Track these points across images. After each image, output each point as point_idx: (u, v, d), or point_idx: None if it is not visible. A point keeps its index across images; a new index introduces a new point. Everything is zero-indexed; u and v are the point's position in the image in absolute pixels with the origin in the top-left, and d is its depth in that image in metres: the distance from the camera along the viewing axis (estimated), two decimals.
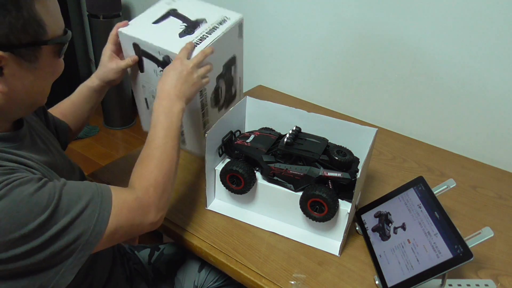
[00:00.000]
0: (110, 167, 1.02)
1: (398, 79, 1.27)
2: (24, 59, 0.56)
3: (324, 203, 0.79)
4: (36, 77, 0.60)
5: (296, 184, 0.84)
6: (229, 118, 0.92)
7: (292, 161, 0.85)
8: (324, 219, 0.81)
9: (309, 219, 0.84)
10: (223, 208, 0.92)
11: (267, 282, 0.77)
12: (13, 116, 0.64)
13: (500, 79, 1.11)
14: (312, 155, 0.83)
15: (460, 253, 0.67)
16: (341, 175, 0.81)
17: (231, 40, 0.97)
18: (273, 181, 0.86)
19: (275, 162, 0.85)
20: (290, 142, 0.85)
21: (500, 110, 1.14)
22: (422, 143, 1.25)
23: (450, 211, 0.96)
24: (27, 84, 0.59)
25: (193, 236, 0.85)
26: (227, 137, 0.92)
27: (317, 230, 0.87)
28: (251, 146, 0.88)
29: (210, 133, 0.82)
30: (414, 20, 1.17)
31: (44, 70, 0.60)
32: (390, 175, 1.09)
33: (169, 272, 0.98)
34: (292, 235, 0.86)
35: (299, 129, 0.90)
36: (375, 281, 0.78)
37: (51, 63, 0.61)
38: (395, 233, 0.80)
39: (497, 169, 1.15)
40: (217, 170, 0.89)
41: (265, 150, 0.87)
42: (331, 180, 0.83)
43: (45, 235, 0.54)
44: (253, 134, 0.93)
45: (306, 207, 0.82)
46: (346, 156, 0.84)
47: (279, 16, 1.44)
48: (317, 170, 0.82)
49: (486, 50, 1.10)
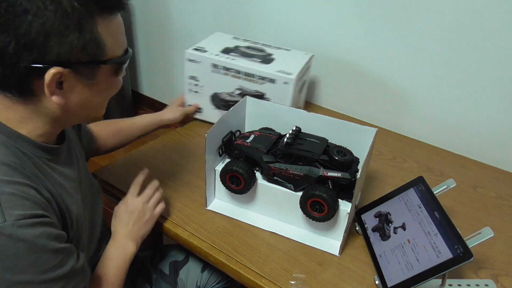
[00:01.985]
0: (110, 167, 1.03)
1: (398, 79, 1.27)
2: (82, 76, 0.58)
3: (324, 203, 0.79)
4: (93, 92, 0.61)
5: (296, 184, 0.84)
6: (229, 118, 0.92)
7: (292, 161, 0.85)
8: (324, 219, 0.81)
9: (309, 219, 0.84)
10: (223, 208, 0.92)
11: (267, 282, 0.77)
12: (66, 125, 0.68)
13: (500, 79, 1.11)
14: (312, 155, 0.83)
15: (460, 253, 0.67)
16: (341, 175, 0.81)
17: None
18: (273, 181, 0.86)
19: (275, 162, 0.85)
20: (290, 142, 0.84)
21: (500, 109, 1.14)
22: (422, 143, 1.25)
23: (450, 211, 0.96)
24: (84, 98, 0.61)
25: (193, 236, 0.85)
26: (227, 137, 0.92)
27: (317, 230, 0.87)
28: (251, 146, 0.88)
29: (209, 133, 0.81)
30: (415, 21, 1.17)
31: (100, 87, 0.62)
32: (390, 175, 1.09)
33: (172, 272, 0.98)
34: (292, 235, 0.86)
35: (299, 129, 0.90)
36: (375, 281, 0.78)
37: (108, 80, 0.63)
38: (395, 233, 0.80)
39: (497, 169, 1.15)
40: (217, 170, 0.89)
41: (265, 150, 0.87)
42: (331, 180, 0.83)
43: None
44: (253, 134, 0.92)
45: (306, 207, 0.82)
46: (346, 156, 0.84)
47: (279, 16, 1.45)
48: (317, 170, 0.82)
49: (486, 51, 1.10)
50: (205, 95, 1.20)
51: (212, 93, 1.19)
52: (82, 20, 0.55)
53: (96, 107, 0.65)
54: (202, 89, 1.19)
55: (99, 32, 0.57)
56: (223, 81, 1.15)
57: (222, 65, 1.13)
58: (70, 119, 0.64)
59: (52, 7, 0.52)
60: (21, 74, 0.55)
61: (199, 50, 1.17)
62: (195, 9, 1.75)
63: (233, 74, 1.13)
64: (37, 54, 0.53)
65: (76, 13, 0.54)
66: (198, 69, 1.16)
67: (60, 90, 0.58)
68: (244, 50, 1.21)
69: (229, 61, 1.12)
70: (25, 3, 0.52)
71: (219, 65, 1.13)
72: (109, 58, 0.60)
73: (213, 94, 1.19)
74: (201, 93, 1.20)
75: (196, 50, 1.16)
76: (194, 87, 1.20)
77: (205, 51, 1.16)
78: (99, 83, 0.61)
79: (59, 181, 0.64)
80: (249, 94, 1.13)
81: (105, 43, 0.58)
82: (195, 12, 1.76)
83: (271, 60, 1.16)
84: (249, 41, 1.28)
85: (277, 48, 1.26)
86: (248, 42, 1.27)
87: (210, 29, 1.74)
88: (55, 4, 0.53)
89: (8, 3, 0.52)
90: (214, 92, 1.19)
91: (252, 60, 1.14)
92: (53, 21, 0.53)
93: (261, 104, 0.98)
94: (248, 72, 1.11)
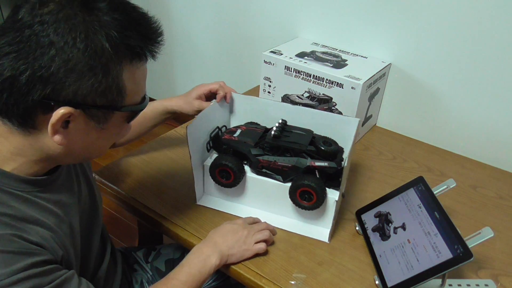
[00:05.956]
0: (110, 167, 1.02)
1: (398, 79, 1.27)
2: (93, 119, 0.55)
3: (313, 192, 0.81)
4: (99, 136, 0.58)
5: (284, 176, 0.86)
6: (212, 113, 0.93)
7: (280, 153, 0.87)
8: (313, 207, 0.83)
9: (298, 209, 0.86)
10: (213, 202, 0.93)
11: (267, 282, 0.77)
12: (62, 163, 0.63)
13: (500, 79, 1.11)
14: (300, 146, 0.86)
15: (460, 253, 0.67)
16: (328, 164, 0.83)
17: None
18: (262, 174, 0.88)
19: (263, 154, 0.87)
20: (277, 135, 0.87)
21: (500, 109, 1.14)
22: (422, 143, 1.25)
23: (450, 211, 0.96)
24: (88, 141, 0.57)
25: (193, 236, 0.85)
26: (215, 133, 0.94)
27: (306, 219, 0.88)
28: (239, 140, 0.89)
29: (190, 127, 0.81)
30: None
31: (109, 132, 0.58)
32: (390, 175, 1.09)
33: (168, 270, 0.97)
34: (282, 225, 0.88)
35: (285, 122, 0.93)
36: (375, 281, 0.78)
37: (118, 126, 0.59)
38: (395, 233, 0.80)
39: (497, 169, 1.15)
40: (206, 165, 0.90)
41: (253, 143, 0.89)
42: (318, 170, 0.84)
43: None
44: (239, 128, 0.94)
45: (295, 197, 0.84)
46: (331, 146, 0.86)
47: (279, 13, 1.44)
48: (304, 161, 0.84)
49: (484, 49, 1.10)
50: (277, 96, 1.27)
51: (283, 94, 1.24)
52: (109, 63, 0.51)
53: (99, 150, 0.62)
54: (275, 90, 1.26)
55: (124, 79, 0.54)
56: (294, 84, 1.20)
57: (294, 67, 1.18)
58: (67, 158, 0.59)
59: (82, 46, 0.49)
60: (27, 106, 0.50)
61: (275, 52, 1.23)
62: (195, 9, 1.75)
63: (303, 77, 1.18)
64: (51, 89, 0.50)
65: (105, 55, 0.51)
66: (272, 71, 1.22)
67: (64, 129, 0.53)
68: (319, 55, 1.24)
69: (301, 64, 1.17)
70: (53, 35, 0.48)
71: (291, 67, 1.18)
72: (126, 105, 0.56)
73: (284, 96, 1.24)
74: (273, 94, 1.26)
75: (272, 53, 1.23)
76: (267, 87, 1.27)
77: (280, 54, 1.22)
78: (108, 128, 0.57)
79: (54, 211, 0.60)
80: (317, 97, 1.17)
81: (126, 90, 0.55)
82: (195, 12, 1.76)
83: (343, 66, 1.18)
84: (327, 47, 1.32)
85: (354, 55, 1.27)
86: (326, 48, 1.31)
87: (210, 29, 1.74)
88: (86, 42, 0.49)
89: (33, 31, 0.48)
90: (285, 94, 1.24)
91: (324, 65, 1.18)
92: (79, 59, 0.49)
93: (246, 99, 1.00)
94: (317, 75, 1.15)
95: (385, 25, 1.23)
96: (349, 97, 1.12)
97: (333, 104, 1.16)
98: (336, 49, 1.31)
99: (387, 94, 1.31)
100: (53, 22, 0.48)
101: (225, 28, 1.68)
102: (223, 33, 1.71)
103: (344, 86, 1.11)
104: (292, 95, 1.22)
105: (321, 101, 1.17)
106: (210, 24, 1.73)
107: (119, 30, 0.51)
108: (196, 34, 1.82)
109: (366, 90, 1.13)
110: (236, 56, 1.72)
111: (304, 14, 1.39)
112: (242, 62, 1.70)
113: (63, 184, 0.64)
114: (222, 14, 1.66)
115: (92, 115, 0.54)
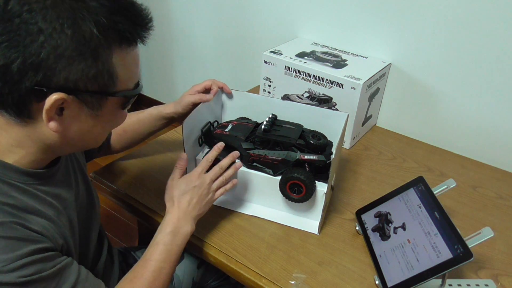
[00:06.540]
0: (110, 167, 1.03)
1: (398, 79, 1.27)
2: (87, 105, 0.55)
3: (302, 185, 0.82)
4: (95, 123, 0.58)
5: (275, 169, 0.87)
6: (205, 109, 0.94)
7: (270, 147, 0.88)
8: (303, 200, 0.84)
9: (288, 201, 0.86)
10: None
11: (267, 282, 0.77)
12: (61, 153, 0.64)
13: (500, 79, 1.11)
14: (289, 140, 0.87)
15: (460, 253, 0.67)
16: (317, 157, 0.84)
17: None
18: (253, 167, 0.89)
19: (254, 148, 0.88)
20: (267, 129, 0.88)
21: (500, 109, 1.14)
22: (422, 143, 1.25)
23: (450, 211, 0.96)
24: (84, 128, 0.58)
25: (193, 236, 0.85)
26: (206, 127, 0.95)
27: (296, 212, 0.89)
28: (230, 134, 0.91)
29: (186, 121, 0.83)
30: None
31: (104, 118, 0.59)
32: (390, 175, 1.09)
33: None
34: (273, 218, 0.89)
35: (275, 117, 0.94)
36: (375, 281, 0.78)
37: (113, 113, 0.60)
38: (395, 233, 0.80)
39: (497, 169, 1.15)
40: (198, 160, 0.91)
41: (244, 137, 0.90)
42: (307, 163, 0.85)
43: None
44: (231, 123, 0.96)
45: (285, 190, 0.85)
46: (320, 140, 0.87)
47: (277, 14, 1.44)
48: (294, 154, 0.85)
49: (484, 51, 1.10)
50: (277, 96, 1.26)
51: (283, 94, 1.24)
52: (98, 48, 0.52)
53: (95, 137, 0.62)
54: (275, 90, 1.26)
55: (114, 63, 0.54)
56: (294, 84, 1.20)
57: (294, 67, 1.18)
58: (65, 147, 0.60)
59: (70, 31, 0.50)
60: (21, 94, 0.51)
61: (275, 52, 1.23)
62: (195, 9, 1.75)
63: (303, 77, 1.18)
64: (43, 76, 0.50)
65: (94, 40, 0.51)
66: (272, 71, 1.23)
67: (59, 116, 0.54)
68: (319, 55, 1.25)
69: (301, 64, 1.17)
70: (41, 22, 0.49)
71: (291, 67, 1.18)
72: (119, 91, 0.57)
73: (284, 96, 1.25)
74: (273, 93, 1.26)
75: (272, 53, 1.23)
76: (267, 87, 1.27)
77: (280, 54, 1.22)
78: (103, 114, 0.58)
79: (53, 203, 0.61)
80: (317, 97, 1.17)
81: (118, 75, 0.55)
82: (195, 12, 1.76)
83: (343, 66, 1.19)
84: (327, 47, 1.32)
85: (354, 55, 1.27)
86: (326, 48, 1.31)
87: (210, 29, 1.74)
88: (74, 28, 0.50)
89: (22, 19, 0.49)
90: (285, 94, 1.24)
91: (324, 65, 1.18)
92: (67, 45, 0.50)
93: (237, 95, 1.01)
94: (317, 75, 1.15)
95: (385, 25, 1.23)
96: (349, 97, 1.12)
97: (333, 104, 1.16)
98: (336, 49, 1.31)
99: (387, 94, 1.31)
100: (40, 10, 0.49)
101: (225, 28, 1.68)
102: (223, 33, 1.71)
103: (344, 86, 1.12)
104: (292, 95, 1.23)
105: (321, 101, 1.17)
106: (210, 24, 1.73)
107: (107, 15, 0.52)
108: (196, 34, 1.82)
109: (366, 90, 1.13)
110: (236, 56, 1.72)
111: (304, 14, 1.39)
112: (242, 62, 1.71)
113: (61, 179, 0.66)
114: (222, 14, 1.66)
115: (85, 101, 0.55)
